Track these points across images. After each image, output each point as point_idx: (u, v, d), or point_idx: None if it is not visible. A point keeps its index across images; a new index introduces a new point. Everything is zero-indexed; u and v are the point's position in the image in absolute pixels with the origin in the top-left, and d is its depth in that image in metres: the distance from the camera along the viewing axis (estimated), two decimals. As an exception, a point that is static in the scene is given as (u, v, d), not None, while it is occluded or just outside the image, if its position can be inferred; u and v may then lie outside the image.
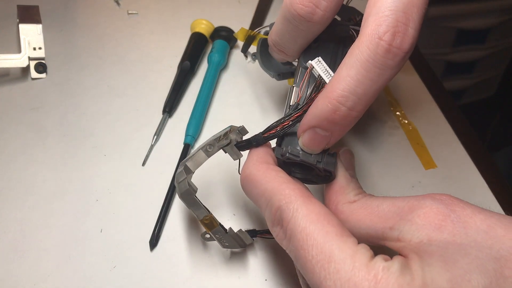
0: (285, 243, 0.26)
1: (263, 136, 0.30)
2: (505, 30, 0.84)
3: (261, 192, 0.28)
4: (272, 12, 0.58)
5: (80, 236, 0.37)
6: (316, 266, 0.23)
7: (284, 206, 0.26)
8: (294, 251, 0.25)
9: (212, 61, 0.50)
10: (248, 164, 0.30)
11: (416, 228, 0.24)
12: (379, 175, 0.41)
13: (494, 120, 0.61)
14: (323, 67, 0.28)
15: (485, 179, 0.41)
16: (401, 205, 0.26)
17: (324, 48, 0.31)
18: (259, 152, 0.30)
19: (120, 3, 0.59)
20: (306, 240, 0.24)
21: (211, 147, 0.31)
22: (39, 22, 0.49)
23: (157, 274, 0.35)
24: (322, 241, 0.24)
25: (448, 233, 0.23)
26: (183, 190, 0.31)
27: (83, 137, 0.44)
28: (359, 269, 0.23)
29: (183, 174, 0.31)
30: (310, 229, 0.25)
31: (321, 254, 0.24)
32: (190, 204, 0.32)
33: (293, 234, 0.25)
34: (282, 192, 0.27)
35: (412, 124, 0.46)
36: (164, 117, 0.45)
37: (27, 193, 0.39)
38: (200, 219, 0.32)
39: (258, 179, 0.28)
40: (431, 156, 0.43)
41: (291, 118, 0.29)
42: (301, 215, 0.25)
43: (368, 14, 0.25)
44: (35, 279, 0.34)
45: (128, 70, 0.50)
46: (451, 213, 0.24)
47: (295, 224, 0.25)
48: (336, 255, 0.23)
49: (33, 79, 0.49)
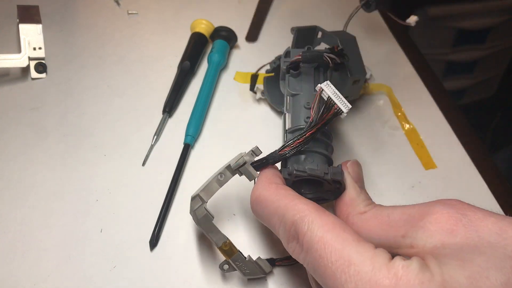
0: (302, 256, 0.26)
1: (279, 153, 0.31)
2: (505, 30, 0.84)
3: (273, 211, 0.28)
4: (272, 12, 0.59)
5: (80, 236, 0.37)
6: (337, 271, 0.24)
7: (299, 220, 0.26)
8: (312, 261, 0.25)
9: (212, 61, 0.50)
10: (257, 186, 0.30)
11: (429, 234, 0.24)
12: (379, 175, 0.41)
13: (494, 120, 0.61)
14: (332, 90, 0.30)
15: (485, 179, 0.41)
16: (412, 213, 0.26)
17: (306, 75, 0.36)
18: (267, 174, 0.31)
19: (120, 3, 0.59)
20: (324, 249, 0.25)
21: (222, 176, 0.32)
22: (39, 22, 0.49)
23: (157, 274, 0.35)
24: (341, 247, 0.24)
25: (461, 237, 0.23)
26: (200, 216, 0.31)
27: (83, 137, 0.44)
28: (379, 269, 0.23)
29: (198, 201, 0.31)
30: (327, 237, 0.25)
31: (341, 259, 0.24)
32: (208, 230, 0.31)
33: (311, 245, 0.25)
34: (295, 207, 0.27)
35: (412, 124, 0.46)
36: (164, 117, 0.45)
37: (27, 193, 0.39)
38: (219, 246, 0.31)
39: (269, 198, 0.29)
40: (431, 157, 0.43)
41: (306, 135, 0.30)
42: (316, 226, 0.25)
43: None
44: (35, 279, 0.34)
45: (128, 70, 0.50)
46: (463, 217, 0.24)
47: (312, 235, 0.25)
48: (355, 258, 0.24)
49: (33, 79, 0.49)
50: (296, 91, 0.36)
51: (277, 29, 0.56)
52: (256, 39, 0.55)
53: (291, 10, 0.59)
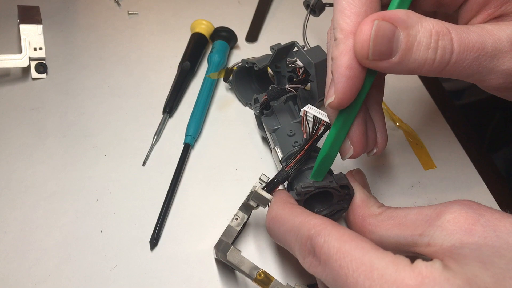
0: (320, 270, 0.26)
1: (285, 170, 0.33)
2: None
3: (289, 228, 0.28)
4: (272, 12, 0.59)
5: (80, 236, 0.37)
6: (359, 278, 0.23)
7: (315, 234, 0.26)
8: (331, 273, 0.25)
9: (212, 61, 0.50)
10: (272, 207, 0.31)
11: (447, 233, 0.24)
12: (379, 175, 0.41)
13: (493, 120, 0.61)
14: (315, 110, 0.33)
15: (484, 179, 0.41)
16: (428, 213, 0.26)
17: (279, 110, 0.40)
18: (281, 196, 0.32)
19: (121, 3, 0.59)
20: (344, 258, 0.24)
21: (237, 217, 0.33)
22: (39, 23, 0.49)
23: (157, 274, 0.35)
24: (360, 255, 0.24)
25: (479, 236, 0.23)
26: (228, 251, 0.31)
27: (83, 137, 0.44)
28: (403, 270, 0.23)
29: (221, 241, 0.32)
30: (346, 248, 0.25)
31: (362, 265, 0.24)
32: (240, 264, 0.31)
33: (329, 257, 0.25)
34: (311, 222, 0.27)
35: (407, 125, 0.46)
36: (164, 117, 0.45)
37: (27, 193, 0.39)
38: (254, 277, 0.31)
39: (285, 217, 0.29)
40: (430, 157, 0.43)
41: (305, 148, 0.33)
42: (333, 238, 0.25)
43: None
44: (35, 279, 0.34)
45: (129, 70, 0.51)
46: (480, 217, 0.24)
47: (329, 247, 0.25)
48: (377, 263, 0.23)
49: (34, 79, 0.49)
50: (276, 126, 0.39)
51: (277, 29, 0.56)
52: (256, 40, 0.55)
53: (291, 10, 0.59)
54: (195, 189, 0.40)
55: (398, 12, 0.25)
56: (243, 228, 0.35)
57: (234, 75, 0.47)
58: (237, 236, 0.33)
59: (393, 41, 0.24)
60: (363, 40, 0.24)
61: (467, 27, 0.26)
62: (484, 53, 0.25)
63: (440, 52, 0.25)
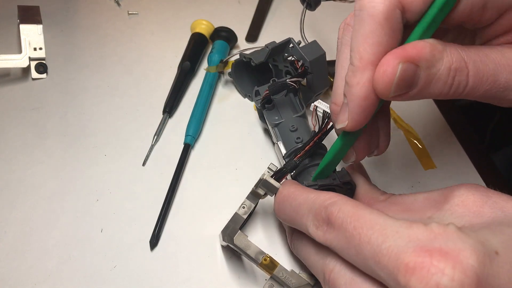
0: (333, 236, 0.26)
1: (294, 160, 0.33)
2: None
3: (302, 201, 0.28)
4: (272, 12, 0.59)
5: (80, 236, 0.37)
6: (373, 236, 0.23)
7: (331, 203, 0.26)
8: (344, 236, 0.25)
9: (212, 61, 0.50)
10: (283, 187, 0.31)
11: (456, 216, 0.25)
12: (378, 175, 0.41)
13: (493, 120, 0.61)
14: (324, 105, 0.36)
15: (484, 179, 0.41)
16: (436, 197, 0.27)
17: (280, 104, 0.40)
18: (291, 181, 0.32)
19: (121, 3, 0.59)
20: (358, 220, 0.24)
21: (244, 206, 0.33)
22: (39, 23, 0.49)
23: (157, 274, 0.35)
24: (375, 217, 0.24)
25: (488, 217, 0.24)
26: (234, 234, 0.31)
27: (83, 137, 0.44)
28: (417, 227, 0.23)
29: (228, 226, 0.32)
30: (360, 212, 0.25)
31: (377, 225, 0.24)
32: (246, 248, 0.31)
33: (343, 221, 0.25)
34: (326, 195, 0.27)
35: (411, 125, 0.46)
36: (164, 117, 0.45)
37: (27, 193, 0.39)
38: (259, 261, 0.31)
39: (298, 192, 0.29)
40: (430, 157, 0.43)
41: (314, 140, 0.34)
42: (349, 205, 0.25)
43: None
44: (35, 279, 0.34)
45: (129, 70, 0.51)
46: (488, 199, 0.25)
47: (344, 212, 0.25)
48: (392, 223, 0.23)
49: (34, 79, 0.49)
50: (278, 121, 0.39)
51: (277, 29, 0.56)
52: (256, 40, 0.55)
53: (291, 10, 0.59)
54: (195, 189, 0.40)
55: (423, 49, 0.24)
56: (249, 217, 0.35)
57: (233, 66, 0.47)
58: (243, 225, 0.33)
59: (414, 79, 0.25)
60: (387, 82, 0.24)
61: (486, 54, 0.26)
62: (497, 86, 0.26)
63: (455, 87, 0.26)
